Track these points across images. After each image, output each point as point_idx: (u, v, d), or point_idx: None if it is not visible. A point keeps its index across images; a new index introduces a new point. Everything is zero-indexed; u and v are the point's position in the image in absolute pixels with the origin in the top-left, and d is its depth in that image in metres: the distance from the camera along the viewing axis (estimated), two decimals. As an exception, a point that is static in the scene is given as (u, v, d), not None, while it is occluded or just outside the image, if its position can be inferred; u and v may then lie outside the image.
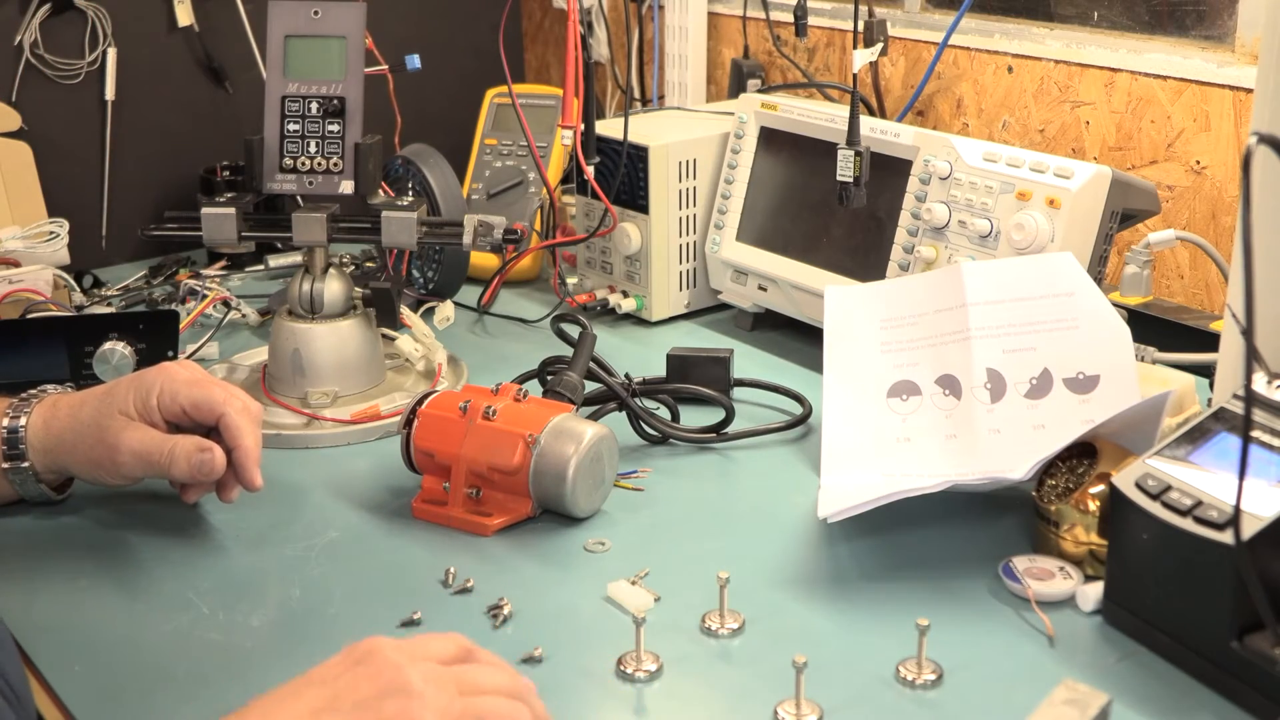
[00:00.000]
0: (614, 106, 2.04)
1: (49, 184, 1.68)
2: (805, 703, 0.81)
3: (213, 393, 1.03)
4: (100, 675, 0.88)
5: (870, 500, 0.96)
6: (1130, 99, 1.46)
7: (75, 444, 1.02)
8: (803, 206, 1.42)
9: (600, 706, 0.84)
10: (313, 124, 1.25)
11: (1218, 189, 1.39)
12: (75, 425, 1.03)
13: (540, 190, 1.65)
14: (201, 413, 1.02)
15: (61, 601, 0.97)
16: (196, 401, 1.02)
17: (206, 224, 1.26)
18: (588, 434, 1.04)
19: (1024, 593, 0.92)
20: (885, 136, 1.31)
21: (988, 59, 1.59)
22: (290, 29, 1.26)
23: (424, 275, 1.54)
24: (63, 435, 1.03)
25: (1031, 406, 1.05)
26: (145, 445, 1.01)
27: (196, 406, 1.02)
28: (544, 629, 0.91)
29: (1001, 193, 1.21)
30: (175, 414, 1.03)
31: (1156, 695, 0.83)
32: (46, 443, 1.03)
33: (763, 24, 1.83)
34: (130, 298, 1.61)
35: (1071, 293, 1.07)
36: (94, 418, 1.02)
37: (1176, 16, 1.45)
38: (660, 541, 1.03)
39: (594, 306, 1.51)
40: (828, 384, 1.13)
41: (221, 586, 0.98)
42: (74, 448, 1.03)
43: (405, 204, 1.26)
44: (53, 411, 1.04)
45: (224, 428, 1.02)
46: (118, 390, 1.03)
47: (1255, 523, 0.79)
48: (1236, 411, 0.88)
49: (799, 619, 0.93)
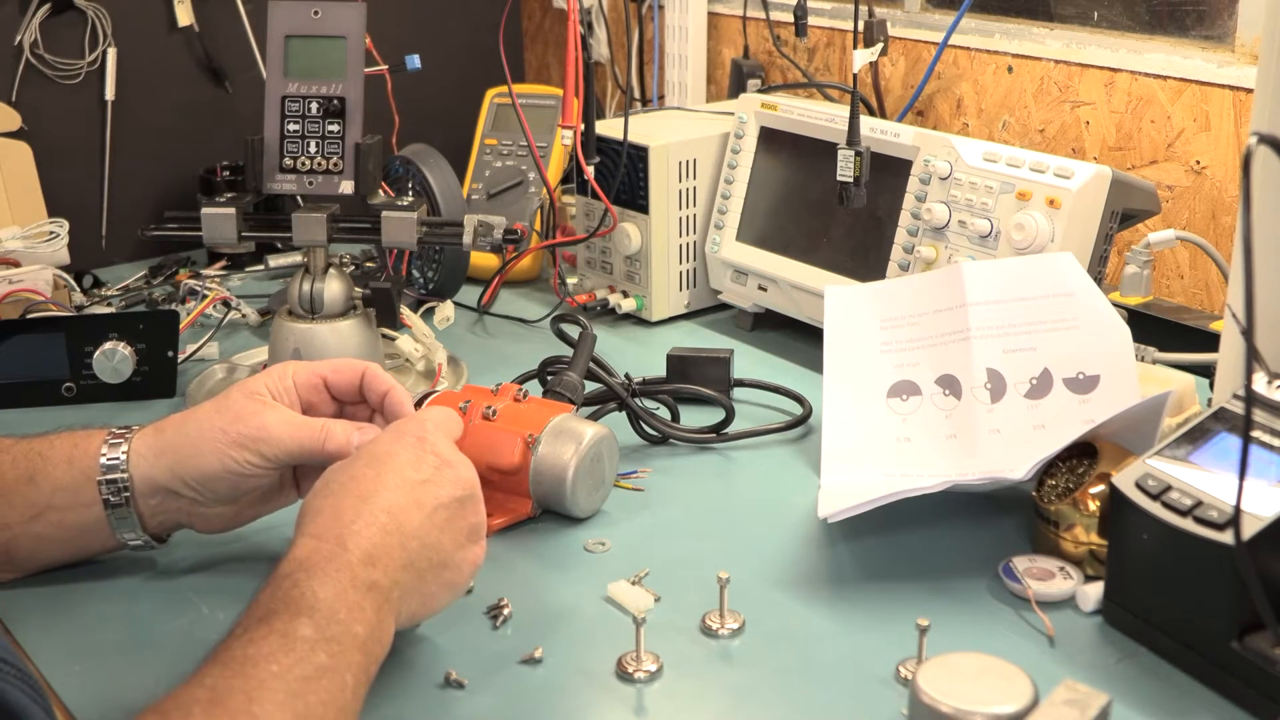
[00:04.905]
0: (614, 106, 2.04)
1: (49, 184, 1.68)
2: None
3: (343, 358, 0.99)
4: (100, 675, 0.88)
5: (870, 500, 0.96)
6: (1130, 99, 1.46)
7: (202, 434, 0.91)
8: (803, 206, 1.42)
9: (600, 707, 0.84)
10: (313, 124, 1.25)
11: (1218, 189, 1.39)
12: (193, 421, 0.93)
13: (540, 190, 1.65)
14: (343, 374, 0.97)
15: (62, 602, 0.96)
16: (334, 365, 0.98)
17: (206, 224, 1.26)
18: (588, 434, 1.04)
19: (1024, 593, 0.92)
20: (885, 136, 1.31)
21: (988, 59, 1.59)
22: (290, 29, 1.26)
23: (424, 275, 1.54)
24: (181, 430, 0.93)
25: (1031, 406, 1.05)
26: (295, 424, 0.93)
27: (337, 370, 0.97)
28: (544, 629, 0.91)
29: (1001, 193, 1.21)
30: (314, 387, 0.96)
31: (1156, 695, 0.83)
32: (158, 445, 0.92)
33: (763, 24, 1.83)
34: (130, 298, 1.61)
35: (1072, 293, 1.07)
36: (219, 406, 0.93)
37: (1176, 16, 1.45)
38: (660, 541, 1.03)
39: (594, 306, 1.51)
40: (828, 384, 1.13)
41: (221, 586, 0.98)
42: (200, 439, 0.91)
43: (405, 204, 1.26)
44: (155, 426, 0.94)
45: (370, 379, 0.97)
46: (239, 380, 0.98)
47: (1255, 523, 0.79)
48: (1236, 411, 0.88)
49: (799, 619, 0.93)
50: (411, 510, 0.82)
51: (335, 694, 0.72)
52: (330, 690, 0.71)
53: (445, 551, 0.84)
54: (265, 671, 0.70)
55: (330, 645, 0.73)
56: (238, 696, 0.68)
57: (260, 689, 0.69)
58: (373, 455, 0.85)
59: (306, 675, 0.71)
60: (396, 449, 0.85)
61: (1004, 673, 0.74)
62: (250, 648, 0.71)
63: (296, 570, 0.77)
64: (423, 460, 0.85)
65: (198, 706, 0.67)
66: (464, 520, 0.86)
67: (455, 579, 0.85)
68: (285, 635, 0.72)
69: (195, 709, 0.67)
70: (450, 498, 0.85)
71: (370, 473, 0.83)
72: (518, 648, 0.89)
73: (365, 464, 0.84)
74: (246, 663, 0.70)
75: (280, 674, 0.70)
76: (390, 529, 0.81)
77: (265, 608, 0.74)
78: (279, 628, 0.73)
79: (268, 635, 0.72)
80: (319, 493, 0.84)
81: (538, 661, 0.88)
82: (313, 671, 0.71)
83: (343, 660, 0.73)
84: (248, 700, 0.68)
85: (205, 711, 0.67)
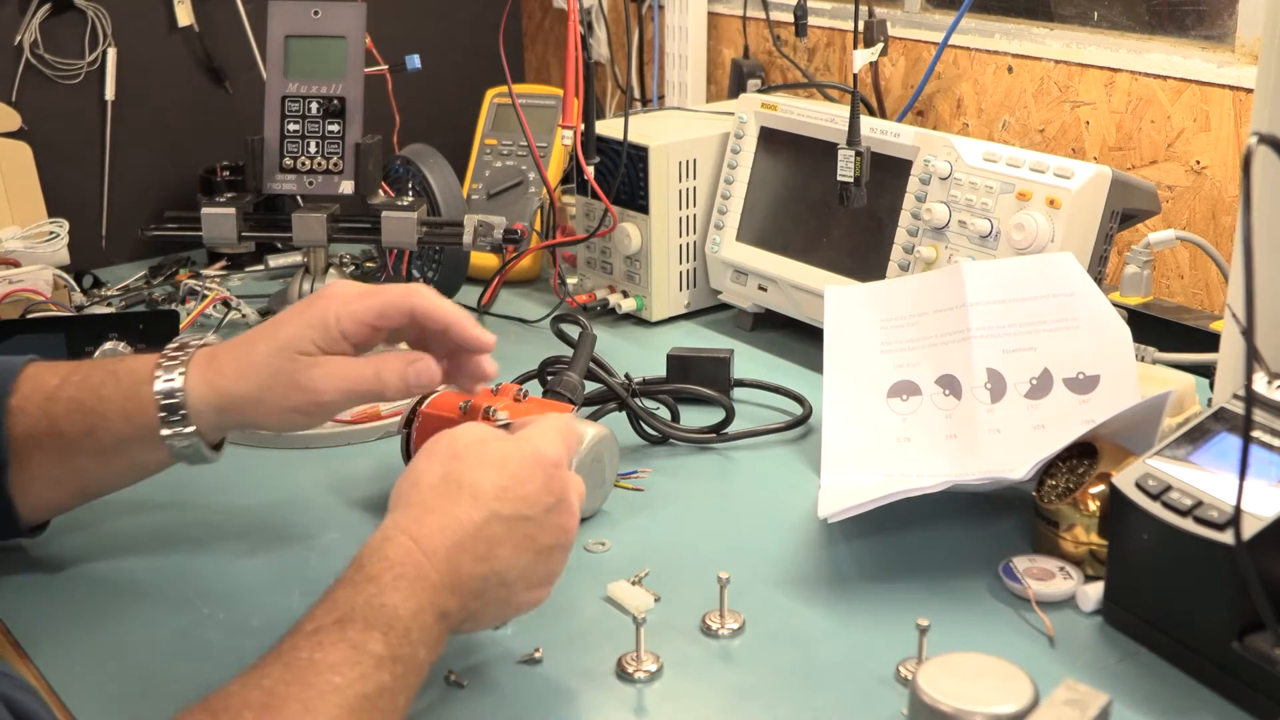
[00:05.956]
0: (614, 106, 2.04)
1: (49, 184, 1.68)
2: None
3: (389, 292, 0.93)
4: (100, 675, 0.88)
5: (870, 500, 0.96)
6: (1130, 99, 1.46)
7: (262, 398, 0.91)
8: (803, 206, 1.42)
9: (600, 707, 0.84)
10: (313, 124, 1.25)
11: (1218, 189, 1.39)
12: (253, 380, 0.91)
13: (540, 190, 1.65)
14: (389, 317, 0.93)
15: (61, 601, 0.96)
16: (380, 309, 0.92)
17: (206, 224, 1.26)
18: (588, 434, 1.04)
19: (1024, 593, 0.92)
20: (885, 136, 1.31)
21: (988, 59, 1.59)
22: (290, 29, 1.26)
23: (424, 275, 1.54)
24: (241, 393, 0.92)
25: (1032, 406, 1.05)
26: (348, 378, 0.91)
27: (382, 314, 0.92)
28: (544, 629, 0.91)
29: (1001, 193, 1.21)
30: (364, 335, 0.93)
31: (1156, 695, 0.83)
32: (218, 402, 0.92)
33: (763, 24, 1.83)
34: (130, 298, 1.61)
35: (1072, 293, 1.07)
36: (274, 367, 0.91)
37: (1176, 16, 1.45)
38: (660, 541, 1.03)
39: (594, 306, 1.51)
40: (828, 384, 1.13)
41: (221, 586, 0.98)
42: (260, 402, 0.91)
43: (405, 204, 1.26)
44: (214, 368, 0.92)
45: (422, 316, 0.93)
46: (287, 332, 0.92)
47: (1255, 523, 0.79)
48: (1237, 411, 0.88)
49: (799, 619, 0.93)
50: (508, 547, 0.80)
51: (388, 716, 0.70)
52: (385, 712, 0.70)
53: (514, 591, 0.81)
54: (327, 683, 0.68)
55: (395, 666, 0.71)
56: (294, 705, 0.66)
57: (319, 700, 0.67)
58: (503, 466, 0.81)
59: (367, 693, 0.69)
60: (526, 474, 0.81)
61: (1004, 673, 0.74)
62: (318, 652, 0.69)
63: (384, 574, 0.74)
64: (543, 497, 0.81)
65: (249, 712, 0.66)
66: (546, 567, 0.83)
67: (506, 615, 0.84)
68: (356, 647, 0.70)
69: (246, 714, 0.65)
70: (545, 545, 0.82)
71: (492, 490, 0.80)
72: (518, 648, 0.89)
73: (494, 474, 0.81)
74: (310, 669, 0.68)
75: (342, 688, 0.68)
76: (482, 558, 0.78)
77: (343, 608, 0.72)
78: (352, 636, 0.70)
79: (338, 642, 0.70)
80: (435, 483, 0.80)
81: (538, 661, 0.88)
82: (374, 690, 0.69)
83: (402, 682, 0.72)
84: (303, 710, 0.66)
85: (257, 717, 0.65)
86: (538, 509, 0.81)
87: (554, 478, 0.82)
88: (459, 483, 0.80)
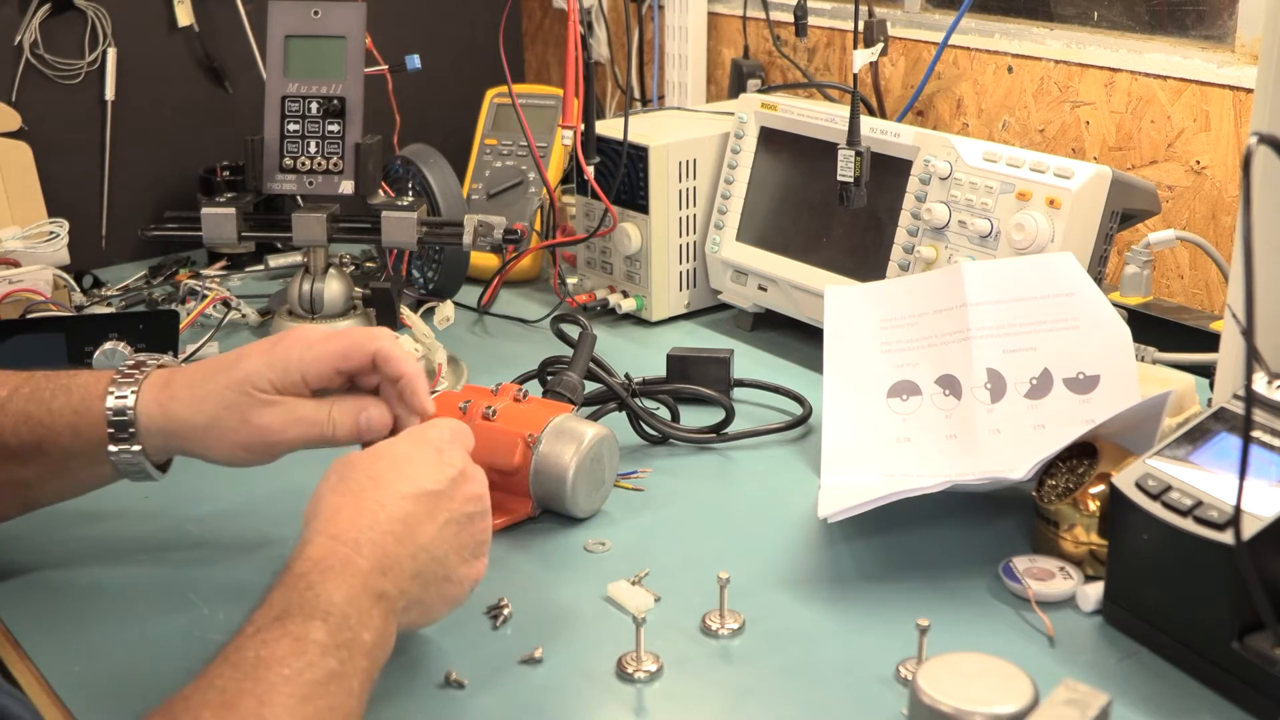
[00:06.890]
0: (614, 106, 2.04)
1: (49, 184, 1.68)
2: None
3: (353, 335, 0.93)
4: (100, 675, 0.88)
5: (870, 500, 0.96)
6: (1130, 99, 1.46)
7: (211, 428, 0.92)
8: (803, 206, 1.42)
9: (600, 707, 0.84)
10: (313, 124, 1.26)
11: (1218, 189, 1.39)
12: (204, 410, 0.92)
13: (540, 190, 1.65)
14: (352, 359, 0.93)
15: (61, 601, 0.96)
16: (344, 351, 0.92)
17: (206, 224, 1.26)
18: (588, 434, 1.04)
19: (1024, 593, 0.92)
20: (885, 136, 1.31)
21: (988, 59, 1.59)
22: (290, 29, 1.26)
23: (424, 275, 1.54)
24: (191, 421, 0.92)
25: (1032, 406, 1.05)
26: (300, 421, 0.92)
27: (346, 355, 0.92)
28: (544, 629, 0.91)
29: (1001, 193, 1.21)
30: (326, 377, 0.93)
31: (1156, 695, 0.83)
32: (168, 426, 0.92)
33: (763, 24, 1.83)
34: (130, 298, 1.61)
35: (1071, 293, 1.07)
36: (227, 401, 0.91)
37: (1176, 16, 1.45)
38: (660, 541, 1.03)
39: (594, 306, 1.51)
40: (828, 384, 1.13)
41: (221, 586, 0.98)
42: (208, 432, 0.92)
43: (405, 204, 1.26)
44: (168, 392, 0.92)
45: (381, 361, 0.93)
46: (246, 367, 0.92)
47: (1255, 523, 0.79)
48: (1236, 411, 0.88)
49: (799, 619, 0.93)
50: (425, 522, 0.83)
51: (343, 700, 0.72)
52: (339, 696, 0.72)
53: (450, 566, 0.84)
54: (277, 675, 0.70)
55: (340, 651, 0.73)
56: (248, 700, 0.68)
57: (271, 693, 0.69)
58: (393, 458, 0.85)
59: (317, 680, 0.71)
60: (416, 456, 0.85)
61: (1004, 673, 0.74)
62: (263, 649, 0.71)
63: (312, 570, 0.77)
64: (440, 471, 0.85)
65: (208, 710, 0.67)
66: (471, 535, 0.86)
67: (456, 593, 0.86)
68: (298, 638, 0.72)
69: (205, 713, 0.67)
70: (462, 512, 0.85)
71: (390, 476, 0.83)
72: (518, 648, 0.89)
73: (386, 466, 0.84)
74: (259, 665, 0.70)
75: (291, 678, 0.70)
76: (404, 538, 0.81)
77: (279, 607, 0.74)
78: (293, 630, 0.73)
79: (281, 637, 0.72)
80: (336, 486, 0.83)
81: (538, 661, 0.88)
82: (323, 676, 0.71)
83: (351, 666, 0.73)
84: (258, 704, 0.68)
85: (215, 715, 0.67)
86: (442, 482, 0.84)
87: (444, 452, 0.86)
88: (358, 480, 0.83)
